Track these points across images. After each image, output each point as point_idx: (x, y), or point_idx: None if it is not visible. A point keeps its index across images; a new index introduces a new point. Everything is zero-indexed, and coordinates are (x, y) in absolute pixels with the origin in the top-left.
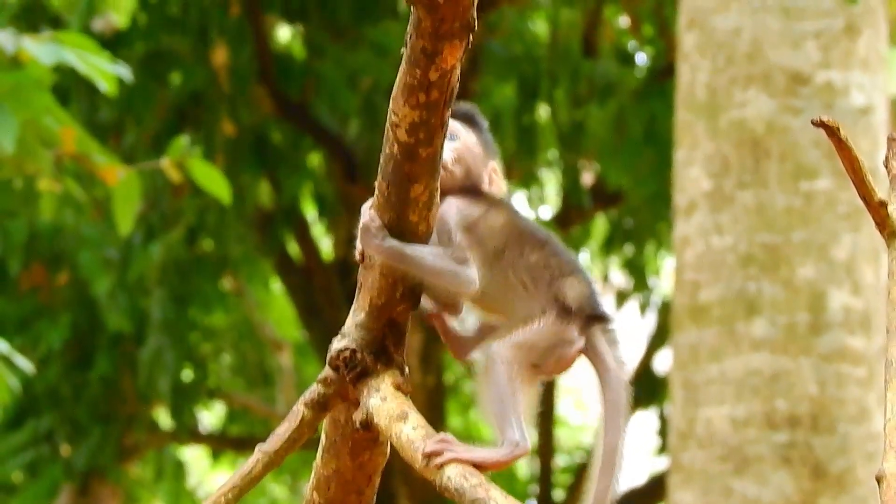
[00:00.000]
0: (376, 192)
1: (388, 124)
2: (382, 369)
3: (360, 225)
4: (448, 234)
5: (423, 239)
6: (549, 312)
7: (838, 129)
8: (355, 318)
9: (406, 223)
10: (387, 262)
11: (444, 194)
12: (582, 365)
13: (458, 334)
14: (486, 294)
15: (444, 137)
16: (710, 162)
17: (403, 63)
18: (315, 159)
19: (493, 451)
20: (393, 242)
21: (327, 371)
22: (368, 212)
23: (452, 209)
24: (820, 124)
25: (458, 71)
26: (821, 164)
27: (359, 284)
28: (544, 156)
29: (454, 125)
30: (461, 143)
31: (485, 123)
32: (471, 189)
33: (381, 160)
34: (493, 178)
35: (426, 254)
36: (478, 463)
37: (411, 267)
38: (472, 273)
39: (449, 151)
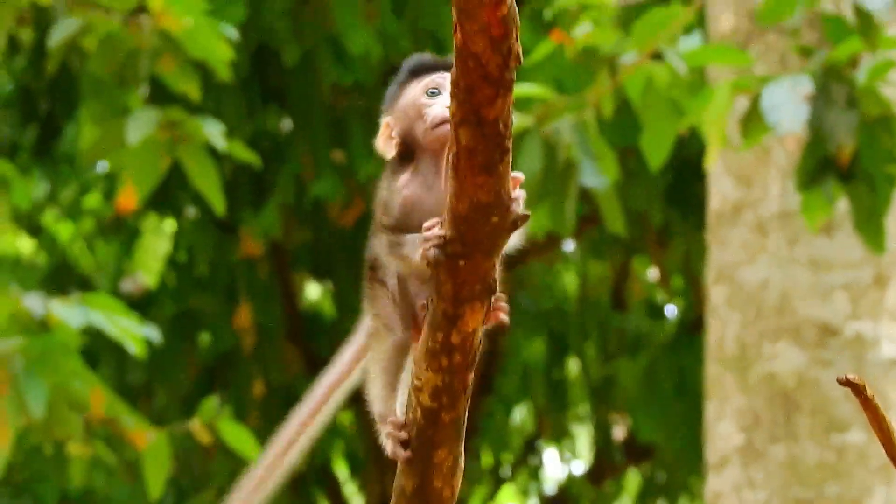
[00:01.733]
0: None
1: (410, 388)
2: None
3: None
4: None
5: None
6: None
7: (864, 386)
8: None
9: (430, 489)
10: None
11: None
12: None
13: None
14: None
15: (468, 401)
16: (740, 416)
17: (426, 327)
18: (346, 418)
19: None
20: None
21: None
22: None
23: None
24: (846, 383)
25: (480, 333)
26: (852, 417)
27: None
28: (575, 411)
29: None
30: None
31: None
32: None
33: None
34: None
35: None
36: None
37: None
38: None
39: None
